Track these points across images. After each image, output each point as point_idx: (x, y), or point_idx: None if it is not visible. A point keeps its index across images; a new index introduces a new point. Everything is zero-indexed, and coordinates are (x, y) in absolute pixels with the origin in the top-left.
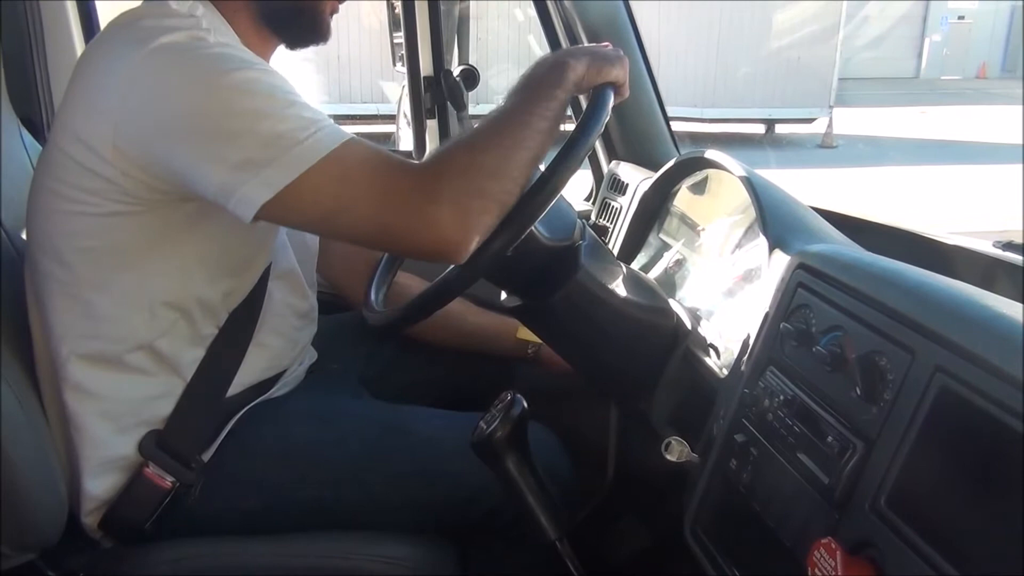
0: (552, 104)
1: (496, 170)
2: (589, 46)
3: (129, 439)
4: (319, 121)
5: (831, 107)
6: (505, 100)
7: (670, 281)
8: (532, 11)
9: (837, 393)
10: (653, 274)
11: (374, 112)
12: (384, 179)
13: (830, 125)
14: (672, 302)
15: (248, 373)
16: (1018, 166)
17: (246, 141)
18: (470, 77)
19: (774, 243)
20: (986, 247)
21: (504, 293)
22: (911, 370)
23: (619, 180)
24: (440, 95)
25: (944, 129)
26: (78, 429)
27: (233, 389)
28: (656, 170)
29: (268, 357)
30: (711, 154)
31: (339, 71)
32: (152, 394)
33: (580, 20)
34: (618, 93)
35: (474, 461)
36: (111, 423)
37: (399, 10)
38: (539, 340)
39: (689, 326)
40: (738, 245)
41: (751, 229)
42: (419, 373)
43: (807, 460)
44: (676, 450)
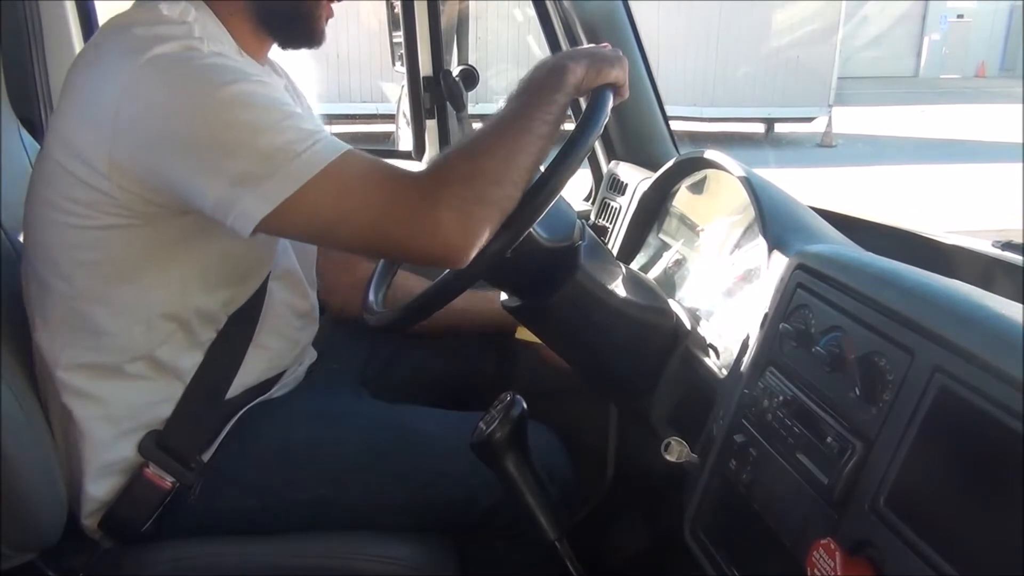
0: (552, 109)
1: (497, 177)
2: (588, 48)
3: (129, 442)
4: (316, 133)
5: (830, 106)
6: (505, 105)
7: (669, 281)
8: (531, 11)
9: (836, 393)
10: (652, 274)
11: (373, 111)
12: (384, 189)
13: (829, 124)
14: (671, 302)
15: (248, 374)
16: (1018, 165)
17: (244, 154)
18: (469, 77)
19: (773, 243)
20: (985, 247)
21: (504, 293)
22: (910, 370)
23: (618, 180)
24: (439, 95)
25: (943, 128)
26: (79, 432)
27: (233, 390)
28: (655, 170)
29: (268, 358)
30: (710, 154)
31: (339, 70)
32: (152, 399)
33: (579, 20)
34: (618, 94)
35: (474, 461)
36: (112, 427)
37: (398, 10)
38: (539, 340)
39: (688, 326)
40: (737, 245)
41: (750, 229)
42: (419, 372)
43: (806, 460)
44: (676, 450)
